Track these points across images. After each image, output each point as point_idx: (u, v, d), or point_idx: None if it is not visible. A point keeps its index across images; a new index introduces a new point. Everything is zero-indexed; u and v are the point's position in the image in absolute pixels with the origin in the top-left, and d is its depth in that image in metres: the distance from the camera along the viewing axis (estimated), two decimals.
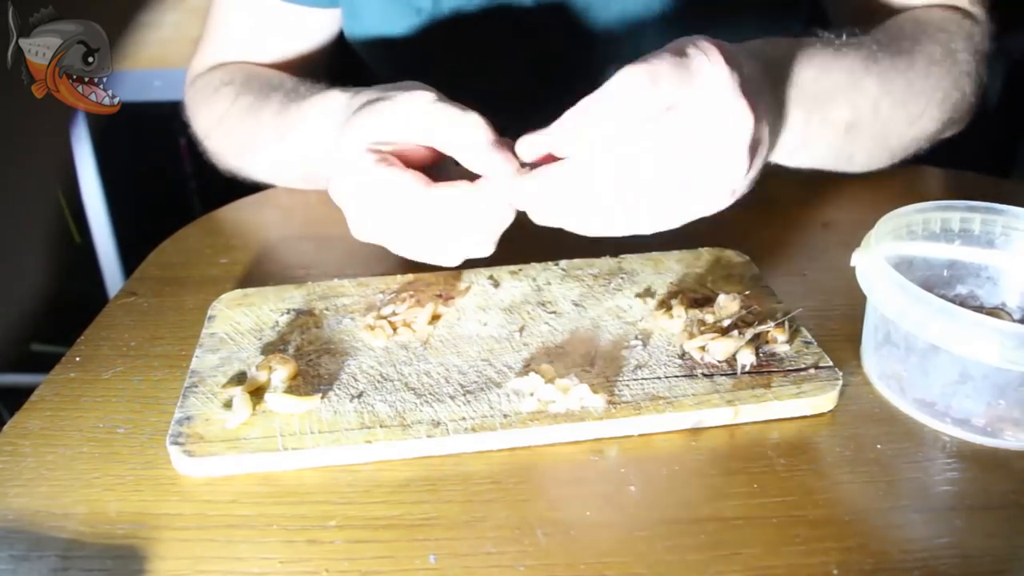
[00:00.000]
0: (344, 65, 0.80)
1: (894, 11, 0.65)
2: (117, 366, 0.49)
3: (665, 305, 0.50)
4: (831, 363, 0.45)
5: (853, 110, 0.55)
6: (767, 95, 0.47)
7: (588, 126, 0.42)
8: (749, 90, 0.42)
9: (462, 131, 0.44)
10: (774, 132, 0.49)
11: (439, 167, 0.47)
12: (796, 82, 0.52)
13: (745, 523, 0.38)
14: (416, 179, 0.44)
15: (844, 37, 0.57)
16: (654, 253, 0.56)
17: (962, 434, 0.42)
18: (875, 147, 0.59)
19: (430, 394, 0.44)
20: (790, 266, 0.56)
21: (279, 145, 0.61)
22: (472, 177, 0.45)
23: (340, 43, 0.76)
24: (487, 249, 0.46)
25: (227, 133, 0.67)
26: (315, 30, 0.73)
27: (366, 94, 0.50)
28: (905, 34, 0.60)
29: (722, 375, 0.45)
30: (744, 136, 0.41)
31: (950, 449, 0.42)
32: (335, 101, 0.54)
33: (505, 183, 0.44)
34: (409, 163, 0.46)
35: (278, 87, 0.64)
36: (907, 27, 0.61)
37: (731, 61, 0.42)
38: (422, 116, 0.45)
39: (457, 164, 0.46)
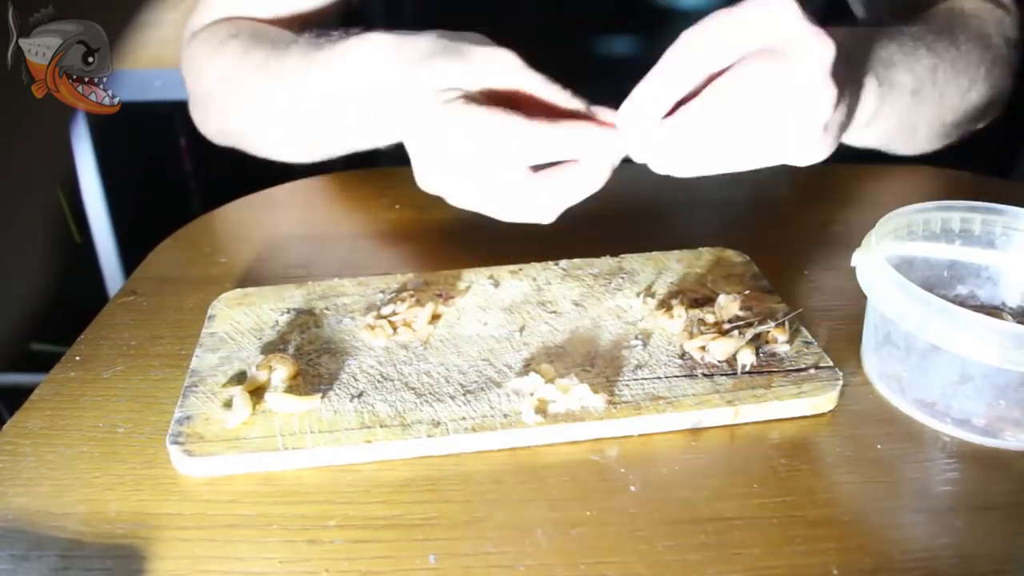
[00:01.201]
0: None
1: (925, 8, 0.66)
2: (117, 366, 0.49)
3: (665, 305, 0.50)
4: (831, 363, 0.45)
5: (914, 76, 0.55)
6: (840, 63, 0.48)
7: (694, 69, 0.42)
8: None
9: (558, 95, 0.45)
10: (851, 97, 0.49)
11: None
12: (860, 52, 0.52)
13: (745, 523, 0.38)
14: (519, 116, 0.43)
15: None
16: (654, 253, 0.56)
17: (962, 434, 0.42)
18: (935, 119, 0.60)
19: (430, 394, 0.44)
20: (790, 266, 0.56)
21: (303, 90, 0.57)
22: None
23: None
24: (590, 187, 0.45)
25: (238, 84, 0.62)
26: None
27: (424, 38, 0.49)
28: (940, 18, 0.61)
29: (722, 375, 0.45)
30: (826, 63, 0.42)
31: (950, 449, 0.42)
32: (379, 41, 0.52)
33: (631, 134, 0.44)
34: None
35: (294, 39, 0.60)
36: (941, 14, 0.63)
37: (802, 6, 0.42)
38: (516, 75, 0.45)
39: None
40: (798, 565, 0.36)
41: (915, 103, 0.56)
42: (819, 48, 0.42)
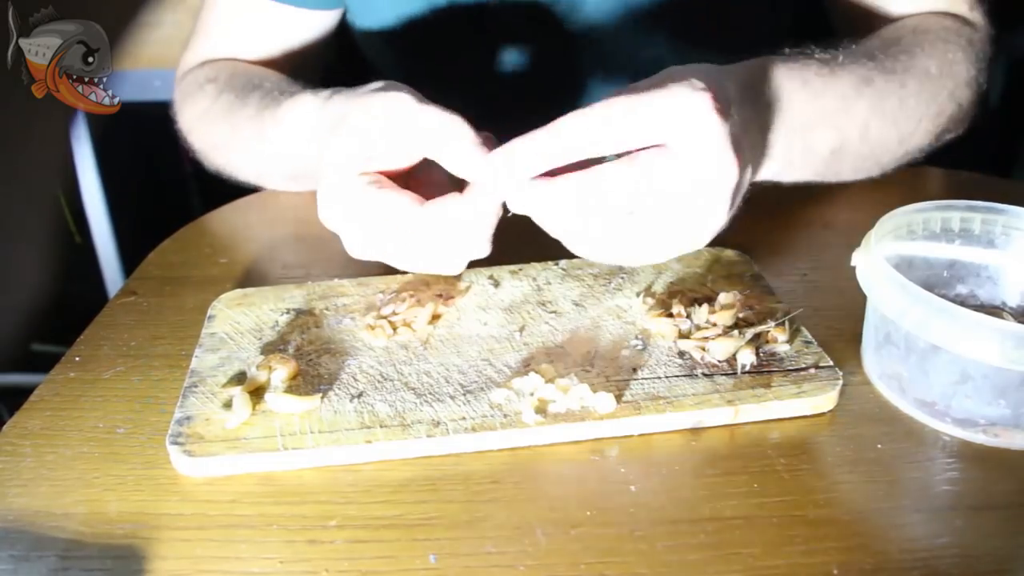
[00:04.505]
0: (343, 60, 0.80)
1: (891, 20, 0.64)
2: (117, 366, 0.49)
3: (665, 305, 0.50)
4: (831, 363, 0.45)
5: (839, 135, 0.55)
6: (754, 130, 0.48)
7: (580, 142, 0.41)
8: (737, 139, 0.42)
9: (447, 138, 0.44)
10: (755, 159, 0.49)
11: (424, 167, 0.47)
12: (784, 107, 0.52)
13: (745, 523, 0.38)
14: (409, 200, 0.44)
15: (839, 51, 0.56)
16: None
17: (962, 434, 0.42)
18: (863, 164, 0.59)
19: (430, 394, 0.44)
20: (790, 266, 0.56)
21: (258, 146, 0.60)
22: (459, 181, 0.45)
23: (339, 38, 0.75)
24: (485, 250, 0.46)
25: (207, 131, 0.66)
26: (310, 29, 0.72)
27: (338, 100, 0.50)
28: (902, 47, 0.59)
29: (722, 375, 0.45)
30: (729, 187, 0.42)
31: (950, 449, 0.42)
32: (306, 105, 0.54)
33: (498, 190, 0.43)
34: (394, 169, 0.46)
35: (258, 86, 0.63)
36: (905, 38, 0.60)
37: (723, 111, 0.41)
38: (405, 122, 0.45)
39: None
40: (798, 565, 0.36)
41: (835, 158, 0.57)
42: (726, 175, 0.42)
